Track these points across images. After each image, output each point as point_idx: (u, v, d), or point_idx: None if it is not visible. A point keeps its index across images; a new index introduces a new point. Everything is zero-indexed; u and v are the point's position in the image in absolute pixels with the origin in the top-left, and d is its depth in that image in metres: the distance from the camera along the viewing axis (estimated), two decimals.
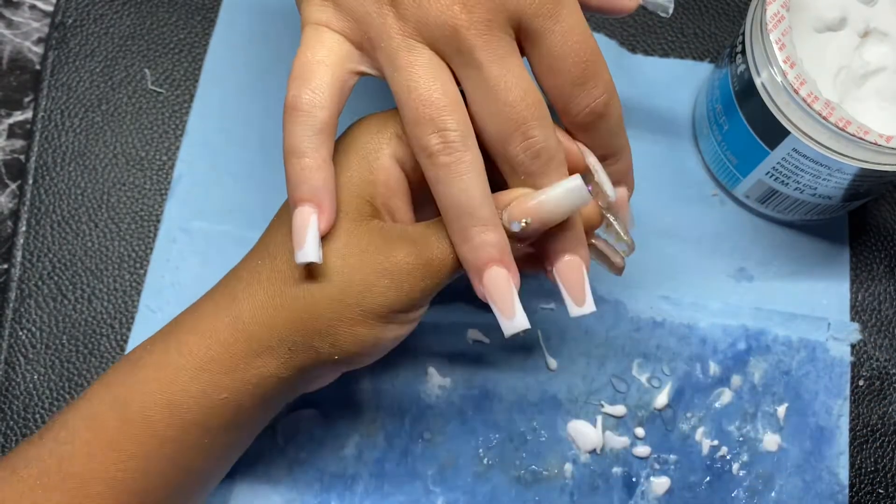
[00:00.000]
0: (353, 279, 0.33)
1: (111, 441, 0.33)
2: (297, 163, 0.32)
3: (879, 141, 0.38)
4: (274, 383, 0.34)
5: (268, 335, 0.34)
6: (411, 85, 0.32)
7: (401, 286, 0.33)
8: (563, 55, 0.32)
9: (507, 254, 0.32)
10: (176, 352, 0.34)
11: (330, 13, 0.33)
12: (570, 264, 0.34)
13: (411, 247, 0.33)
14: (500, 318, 0.33)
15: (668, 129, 0.49)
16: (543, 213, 0.32)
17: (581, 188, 0.32)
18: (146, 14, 0.50)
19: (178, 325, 0.35)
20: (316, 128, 0.32)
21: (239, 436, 0.36)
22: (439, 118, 0.31)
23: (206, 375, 0.34)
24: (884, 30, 0.42)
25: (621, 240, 0.37)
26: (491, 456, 0.43)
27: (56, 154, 0.48)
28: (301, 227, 0.32)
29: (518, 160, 0.32)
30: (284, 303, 0.33)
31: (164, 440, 0.34)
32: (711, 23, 0.51)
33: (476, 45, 0.31)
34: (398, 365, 0.44)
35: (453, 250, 0.33)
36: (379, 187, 0.34)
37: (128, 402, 0.34)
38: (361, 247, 0.33)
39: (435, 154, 0.31)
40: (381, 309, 0.33)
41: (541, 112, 0.32)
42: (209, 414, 0.34)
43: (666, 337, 0.46)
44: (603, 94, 0.33)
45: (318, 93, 0.32)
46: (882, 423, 0.45)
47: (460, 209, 0.32)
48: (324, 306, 0.33)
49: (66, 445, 0.34)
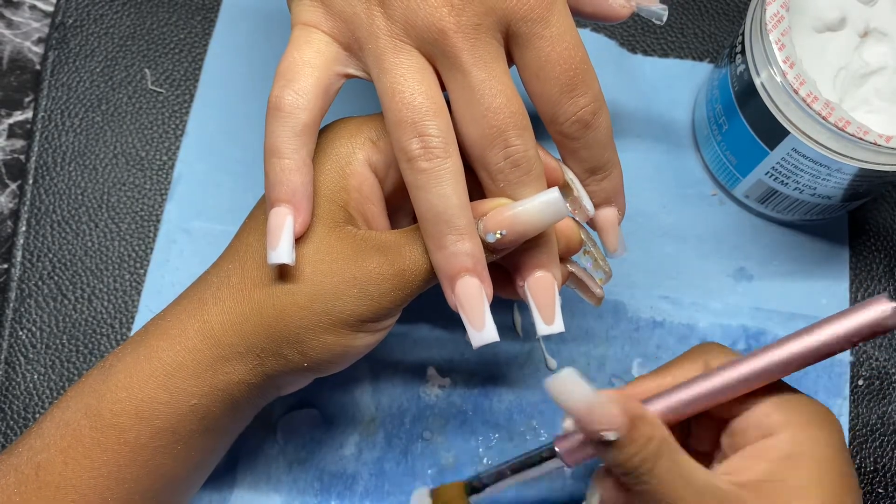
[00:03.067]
0: (323, 287, 0.32)
1: (85, 449, 0.33)
2: (277, 163, 0.32)
3: (879, 141, 0.38)
4: (244, 389, 0.34)
5: (236, 341, 0.33)
6: (396, 87, 0.31)
7: (371, 295, 0.32)
8: (551, 61, 0.32)
9: (482, 264, 0.32)
10: (145, 358, 0.34)
11: (319, 14, 0.33)
12: (542, 281, 0.33)
13: (383, 256, 0.32)
14: (469, 329, 0.32)
15: (668, 130, 0.49)
16: (519, 224, 0.32)
17: (558, 201, 0.31)
18: (146, 14, 0.50)
19: (147, 332, 0.35)
20: (297, 129, 0.32)
21: (211, 441, 0.36)
22: (421, 122, 0.31)
23: (174, 381, 0.33)
24: (883, 30, 0.42)
25: (599, 267, 0.37)
26: (491, 456, 0.43)
27: (56, 154, 0.48)
28: (276, 228, 0.32)
29: (497, 168, 0.32)
30: (253, 309, 0.33)
31: (136, 447, 0.33)
32: (711, 23, 0.51)
33: (462, 48, 0.31)
34: (398, 365, 0.44)
35: (427, 260, 0.32)
36: (352, 193, 0.34)
37: (100, 410, 0.34)
38: (333, 254, 0.33)
39: (415, 159, 0.31)
40: (351, 318, 0.33)
41: (523, 121, 0.32)
42: (179, 420, 0.34)
43: (666, 337, 0.46)
44: (591, 102, 0.33)
45: (301, 94, 0.32)
46: (881, 423, 0.45)
47: (437, 216, 0.31)
48: (292, 313, 0.33)
49: (42, 454, 0.34)
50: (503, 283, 0.35)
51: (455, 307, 0.32)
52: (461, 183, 0.32)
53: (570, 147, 0.34)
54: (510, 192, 0.32)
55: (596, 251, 0.37)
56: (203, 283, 0.35)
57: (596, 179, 0.35)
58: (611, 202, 0.36)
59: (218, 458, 0.38)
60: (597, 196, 0.35)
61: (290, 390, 0.37)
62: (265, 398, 0.37)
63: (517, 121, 0.32)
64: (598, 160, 0.34)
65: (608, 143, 0.34)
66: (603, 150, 0.34)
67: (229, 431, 0.37)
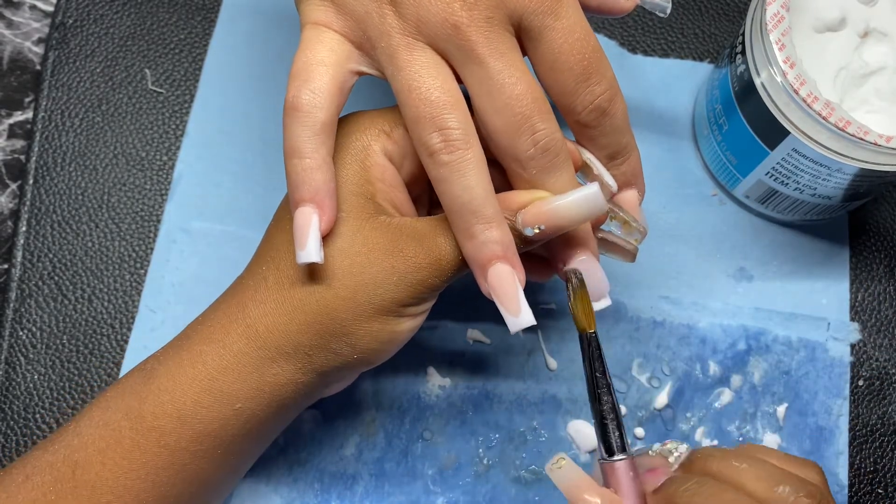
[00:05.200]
0: (363, 278, 0.33)
1: (124, 451, 0.33)
2: (298, 163, 0.33)
3: (879, 141, 0.38)
4: (291, 390, 0.34)
5: (283, 342, 0.33)
6: (412, 84, 0.32)
7: (410, 283, 0.33)
8: (565, 52, 0.32)
9: (512, 251, 0.32)
10: (189, 362, 0.34)
11: (330, 13, 0.33)
12: (585, 262, 0.34)
13: (419, 244, 0.33)
14: (505, 315, 0.33)
15: (668, 130, 0.49)
16: (558, 218, 0.32)
17: (598, 195, 0.32)
18: (146, 14, 0.50)
19: (188, 337, 0.35)
20: (315, 128, 0.32)
21: (252, 445, 0.36)
22: (440, 117, 0.31)
23: (218, 385, 0.34)
24: (883, 30, 0.42)
25: (631, 228, 0.37)
26: (491, 456, 0.43)
27: (56, 154, 0.48)
28: (303, 228, 0.32)
29: (527, 155, 0.32)
30: (296, 307, 0.33)
31: (176, 451, 0.34)
32: (711, 23, 0.51)
33: (478, 41, 0.31)
34: (398, 365, 0.44)
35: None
36: (377, 184, 0.34)
37: (141, 412, 0.34)
38: (369, 245, 0.33)
39: (436, 153, 0.32)
40: (393, 304, 0.33)
41: (545, 106, 0.32)
42: (222, 424, 0.34)
43: (666, 337, 0.46)
44: (607, 90, 0.33)
45: (317, 93, 0.32)
46: (881, 424, 0.45)
47: (463, 207, 0.32)
48: (337, 307, 0.33)
49: (79, 452, 0.34)
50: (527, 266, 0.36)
51: (489, 295, 0.33)
52: (484, 172, 0.32)
53: (588, 135, 0.34)
54: (542, 178, 0.33)
55: (625, 213, 0.37)
56: (240, 287, 0.35)
57: (615, 164, 0.36)
58: (631, 185, 0.37)
59: (252, 462, 0.38)
60: (617, 180, 0.36)
61: (338, 388, 0.38)
62: (311, 398, 0.37)
63: (540, 106, 0.32)
64: (617, 145, 0.35)
65: (625, 128, 0.35)
66: (621, 135, 0.35)
67: (269, 435, 0.37)
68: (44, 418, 0.44)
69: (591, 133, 0.34)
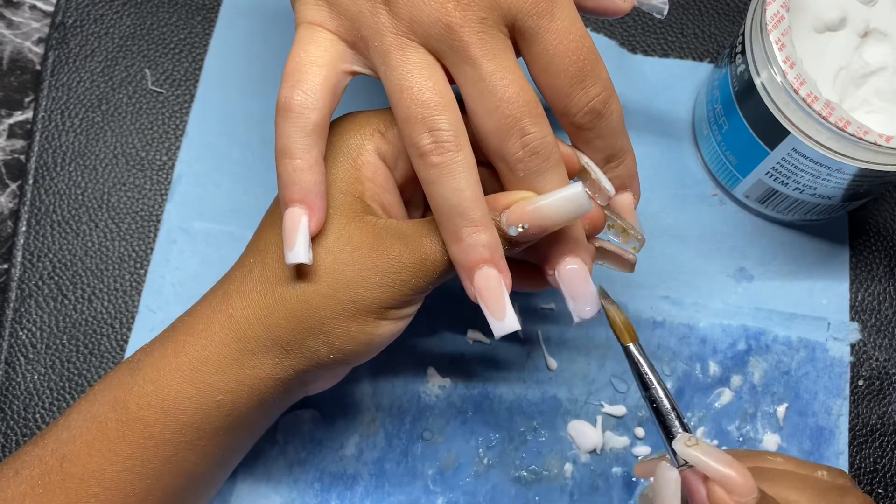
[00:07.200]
0: (346, 275, 0.33)
1: (110, 442, 0.34)
2: (289, 164, 0.33)
3: (879, 141, 0.38)
4: (270, 385, 0.34)
5: (262, 334, 0.34)
6: (404, 84, 0.32)
7: (392, 283, 0.33)
8: (559, 53, 0.32)
9: (499, 254, 0.32)
10: (172, 353, 0.34)
11: (324, 12, 0.33)
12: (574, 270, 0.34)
13: (404, 244, 0.33)
14: (490, 319, 0.32)
15: (668, 130, 0.49)
16: (542, 218, 0.32)
17: (581, 195, 0.31)
18: (146, 14, 0.50)
19: (174, 328, 0.35)
20: (307, 129, 0.32)
21: (235, 439, 0.36)
22: (431, 117, 0.31)
23: (200, 376, 0.34)
24: (883, 30, 0.42)
25: (630, 237, 0.37)
26: (491, 456, 0.43)
27: (56, 154, 0.48)
28: (291, 228, 0.32)
29: (516, 157, 0.32)
30: (277, 300, 0.33)
31: (160, 442, 0.34)
32: (711, 23, 0.51)
33: (471, 42, 0.31)
34: (398, 365, 0.44)
35: (446, 251, 0.33)
36: (367, 183, 0.34)
37: (126, 403, 0.34)
38: (353, 243, 0.33)
39: (427, 154, 0.31)
40: (374, 305, 0.33)
41: (537, 109, 0.32)
42: (204, 416, 0.34)
43: (666, 337, 0.46)
44: (602, 92, 0.33)
45: (310, 94, 0.32)
46: (881, 423, 0.45)
47: (452, 209, 0.32)
48: (317, 303, 0.33)
49: (67, 445, 0.34)
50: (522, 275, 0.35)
51: (475, 298, 0.33)
52: (474, 175, 0.32)
53: (584, 137, 0.34)
54: (531, 181, 0.32)
55: (623, 221, 0.36)
56: (227, 279, 0.36)
57: (611, 167, 0.35)
58: (626, 187, 0.36)
59: (239, 458, 0.38)
60: (612, 182, 0.36)
61: (318, 389, 0.37)
62: (291, 397, 0.37)
63: (532, 109, 0.32)
64: (613, 148, 0.35)
65: (621, 130, 0.35)
66: (616, 137, 0.35)
67: (255, 430, 0.37)
68: (44, 418, 0.44)
69: (587, 135, 0.34)
